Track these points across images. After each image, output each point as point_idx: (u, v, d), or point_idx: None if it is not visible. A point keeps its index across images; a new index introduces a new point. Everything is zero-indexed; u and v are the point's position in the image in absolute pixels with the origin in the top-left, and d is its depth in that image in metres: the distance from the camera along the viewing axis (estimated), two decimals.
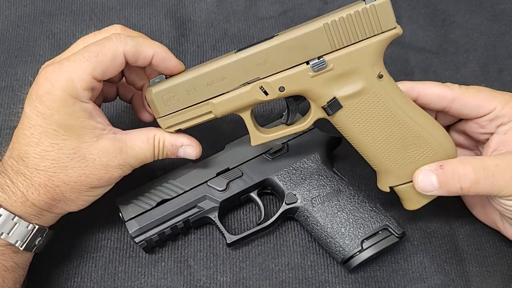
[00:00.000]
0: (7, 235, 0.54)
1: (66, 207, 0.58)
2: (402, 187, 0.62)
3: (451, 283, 0.65)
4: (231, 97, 0.57)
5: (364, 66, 0.54)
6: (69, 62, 0.54)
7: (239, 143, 0.69)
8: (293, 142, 0.69)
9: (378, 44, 0.54)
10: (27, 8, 0.87)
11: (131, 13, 0.88)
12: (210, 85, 0.56)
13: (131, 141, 0.57)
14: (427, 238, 0.68)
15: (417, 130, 0.58)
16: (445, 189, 0.57)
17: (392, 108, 0.56)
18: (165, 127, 0.59)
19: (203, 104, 0.58)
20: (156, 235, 0.64)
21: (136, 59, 0.56)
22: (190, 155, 0.62)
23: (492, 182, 0.55)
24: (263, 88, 0.56)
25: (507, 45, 0.85)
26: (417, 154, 0.59)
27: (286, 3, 0.89)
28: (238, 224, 0.69)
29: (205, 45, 0.85)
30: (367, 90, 0.55)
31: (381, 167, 0.61)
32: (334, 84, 0.56)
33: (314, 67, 0.54)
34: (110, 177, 0.57)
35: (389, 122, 0.57)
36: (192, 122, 0.59)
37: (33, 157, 0.54)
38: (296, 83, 0.56)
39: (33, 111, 0.54)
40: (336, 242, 0.62)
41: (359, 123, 0.58)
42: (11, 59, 0.82)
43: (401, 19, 0.87)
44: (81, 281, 0.65)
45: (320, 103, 0.57)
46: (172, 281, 0.65)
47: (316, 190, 0.65)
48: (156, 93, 0.57)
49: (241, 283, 0.65)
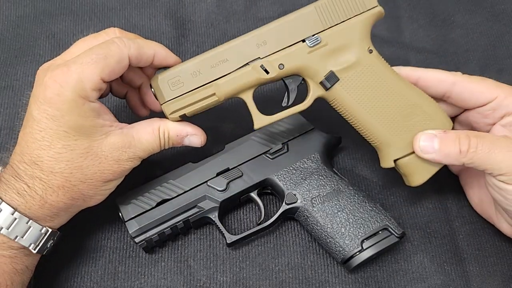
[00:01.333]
0: (21, 238, 0.54)
1: (85, 204, 0.59)
2: (406, 159, 0.62)
3: (451, 283, 0.65)
4: (234, 77, 0.60)
5: (354, 40, 0.60)
6: (76, 65, 0.54)
7: (239, 143, 0.69)
8: (293, 142, 0.69)
9: (364, 21, 0.61)
10: (27, 8, 0.87)
11: (131, 13, 0.88)
12: (214, 67, 0.60)
13: (138, 135, 0.59)
14: (427, 238, 0.68)
15: (412, 99, 0.61)
16: (444, 152, 0.58)
17: (386, 79, 0.61)
18: (169, 113, 0.60)
19: (207, 86, 0.60)
20: (156, 235, 0.64)
21: (139, 61, 0.58)
22: (196, 144, 0.63)
23: (489, 150, 0.56)
24: (263, 66, 0.60)
25: (507, 45, 0.85)
26: (415, 122, 0.61)
27: (286, 3, 0.89)
28: (238, 224, 0.69)
29: (205, 45, 0.85)
30: (360, 62, 0.60)
31: (382, 140, 0.62)
32: (329, 58, 0.60)
33: (310, 43, 0.60)
34: (123, 170, 0.58)
35: (384, 92, 0.61)
36: (196, 106, 0.60)
37: (47, 160, 0.54)
38: (295, 60, 0.60)
39: (42, 115, 0.54)
40: (336, 242, 0.62)
41: (356, 94, 0.61)
42: (11, 59, 0.82)
43: (401, 19, 0.87)
44: (81, 281, 0.65)
45: (318, 79, 0.61)
46: (172, 281, 0.65)
47: (316, 190, 0.65)
48: (162, 78, 0.60)
49: (241, 283, 0.65)
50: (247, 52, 0.60)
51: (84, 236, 0.68)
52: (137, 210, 0.64)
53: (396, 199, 0.71)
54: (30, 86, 0.79)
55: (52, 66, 0.57)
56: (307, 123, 0.71)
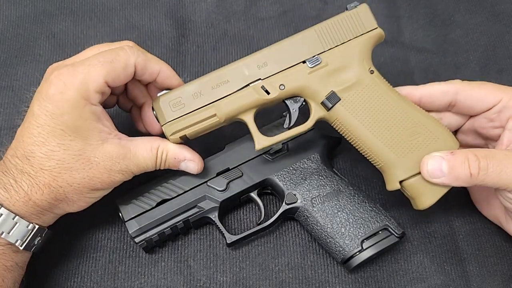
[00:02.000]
0: (7, 235, 0.54)
1: (67, 208, 0.59)
2: (412, 180, 0.60)
3: (451, 283, 0.65)
4: (235, 98, 0.60)
5: (354, 61, 0.61)
6: (83, 66, 0.55)
7: (239, 143, 0.69)
8: (293, 142, 0.69)
9: (363, 42, 0.61)
10: (27, 8, 0.87)
11: (131, 13, 0.88)
12: (215, 89, 0.60)
13: (135, 149, 0.58)
14: (427, 238, 0.68)
15: (415, 118, 0.60)
16: (453, 175, 0.56)
17: (388, 98, 0.61)
18: (169, 134, 0.60)
19: (208, 107, 0.60)
20: (156, 235, 0.64)
21: (144, 72, 0.59)
22: (192, 170, 0.63)
23: (501, 170, 0.55)
24: (264, 87, 0.61)
25: (507, 45, 0.85)
26: (420, 142, 0.59)
27: (286, 3, 0.89)
28: (238, 224, 0.69)
29: (205, 45, 0.85)
30: (361, 82, 0.61)
31: (386, 161, 0.60)
32: (329, 79, 0.61)
33: (310, 64, 0.61)
34: (112, 181, 0.58)
35: (387, 111, 0.60)
36: (197, 127, 0.61)
37: (38, 156, 0.55)
38: (295, 80, 0.61)
39: (42, 111, 0.54)
40: (336, 242, 0.62)
41: (358, 114, 0.60)
42: (11, 59, 0.82)
43: (401, 19, 0.87)
44: (81, 281, 0.65)
45: (319, 99, 0.61)
46: (172, 281, 0.65)
47: (316, 190, 0.65)
48: (163, 100, 0.61)
49: (241, 283, 0.65)
50: (248, 74, 0.61)
51: (84, 236, 0.68)
52: (137, 210, 0.64)
53: (396, 199, 0.71)
54: (30, 86, 0.80)
55: (61, 65, 0.57)
56: None
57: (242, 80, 0.61)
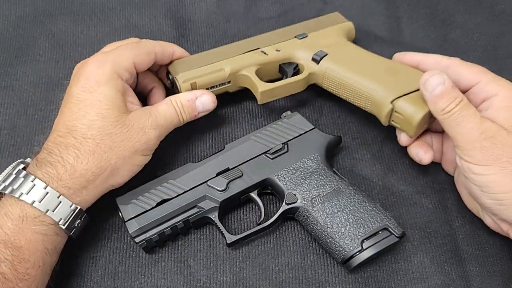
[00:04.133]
0: (52, 213, 0.57)
1: (111, 179, 0.62)
2: (401, 101, 0.66)
3: (451, 283, 0.65)
4: (239, 58, 0.73)
5: (333, 34, 0.77)
6: (114, 51, 0.65)
7: (239, 143, 0.69)
8: (293, 142, 0.69)
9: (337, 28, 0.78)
10: (27, 8, 0.88)
11: (131, 13, 0.88)
12: (221, 54, 0.74)
13: (155, 107, 0.67)
14: (427, 238, 0.68)
15: (392, 62, 0.71)
16: (438, 100, 0.60)
17: (364, 51, 0.74)
18: (181, 81, 0.70)
19: (217, 63, 0.72)
20: (156, 235, 0.64)
21: (163, 57, 0.71)
22: (209, 104, 0.70)
23: (461, 121, 0.59)
24: (263, 51, 0.74)
25: (507, 45, 0.85)
26: (400, 77, 0.68)
27: (286, 4, 0.89)
28: (238, 224, 0.69)
29: (205, 45, 0.85)
30: (341, 42, 0.76)
31: (377, 89, 0.68)
32: (316, 44, 0.75)
33: (299, 37, 0.76)
34: (148, 139, 0.64)
35: (365, 58, 0.72)
36: (206, 78, 0.71)
37: (80, 128, 0.60)
38: (288, 47, 0.75)
39: (80, 89, 0.62)
40: (336, 242, 0.62)
41: (342, 63, 0.71)
42: (11, 59, 0.82)
43: (401, 19, 0.87)
44: (81, 281, 0.65)
45: (309, 56, 0.74)
46: (172, 281, 0.65)
47: (316, 190, 0.65)
48: (178, 62, 0.73)
49: (241, 283, 0.65)
50: (249, 45, 0.75)
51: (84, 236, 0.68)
52: (137, 210, 0.64)
53: (396, 199, 0.71)
54: (30, 85, 0.80)
55: None
56: (307, 123, 0.71)
57: (245, 49, 0.74)
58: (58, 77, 0.81)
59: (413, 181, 0.72)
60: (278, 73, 0.76)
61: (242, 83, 0.74)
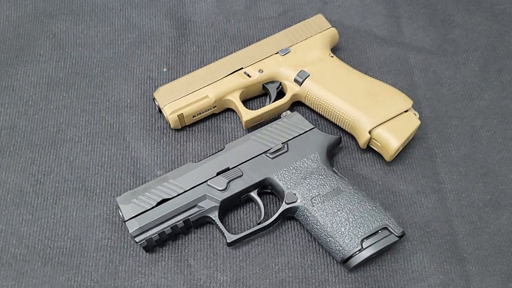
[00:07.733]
0: None
1: None
2: (378, 129, 0.68)
3: (451, 283, 0.65)
4: (223, 82, 0.74)
5: (317, 48, 0.77)
6: None
7: (239, 143, 0.69)
8: (293, 141, 0.69)
9: (321, 37, 0.78)
10: (27, 8, 0.88)
11: (131, 13, 0.88)
12: (205, 78, 0.75)
13: None
14: (427, 238, 0.68)
15: (372, 83, 0.73)
16: None
17: (347, 70, 0.74)
18: (168, 113, 0.72)
19: (201, 90, 0.74)
20: (156, 235, 0.64)
21: None
22: None
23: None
24: (246, 73, 0.75)
25: (507, 45, 0.85)
26: (379, 99, 0.70)
27: (286, 3, 0.89)
28: (238, 223, 0.70)
29: (205, 45, 0.85)
30: (323, 60, 0.75)
31: (354, 117, 0.70)
32: (298, 62, 0.75)
33: (282, 53, 0.76)
34: None
35: (347, 79, 0.73)
36: (192, 108, 0.73)
37: None
38: (271, 65, 0.76)
39: None
40: (336, 241, 0.62)
41: (324, 84, 0.73)
42: (11, 59, 0.83)
43: (401, 19, 0.88)
44: (82, 280, 0.65)
45: (291, 77, 0.74)
46: (172, 280, 0.65)
47: (316, 189, 0.65)
48: (162, 89, 0.74)
49: (241, 282, 0.65)
50: (232, 64, 0.76)
51: (84, 236, 0.68)
52: (138, 210, 0.64)
53: (396, 199, 0.71)
54: (31, 85, 0.80)
55: None
56: (307, 123, 0.71)
57: (228, 69, 0.75)
58: (58, 77, 0.81)
59: (413, 181, 0.72)
60: (263, 90, 0.78)
61: (228, 105, 0.76)
